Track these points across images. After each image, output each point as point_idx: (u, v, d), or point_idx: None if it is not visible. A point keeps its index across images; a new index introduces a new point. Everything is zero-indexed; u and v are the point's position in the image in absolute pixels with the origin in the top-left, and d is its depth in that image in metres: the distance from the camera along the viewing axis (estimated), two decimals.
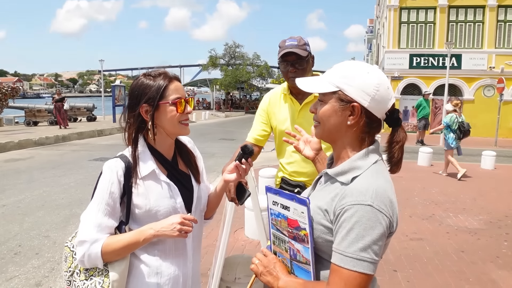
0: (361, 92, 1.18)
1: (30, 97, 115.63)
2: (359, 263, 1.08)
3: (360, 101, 1.19)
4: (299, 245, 1.21)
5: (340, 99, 1.21)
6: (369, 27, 50.14)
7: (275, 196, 1.27)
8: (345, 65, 1.24)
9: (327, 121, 1.24)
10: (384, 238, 1.12)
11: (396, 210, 1.17)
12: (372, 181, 1.15)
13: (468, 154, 13.34)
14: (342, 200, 1.14)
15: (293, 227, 1.21)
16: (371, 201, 1.10)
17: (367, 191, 1.12)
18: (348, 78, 1.20)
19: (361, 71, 1.20)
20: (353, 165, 1.20)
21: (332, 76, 1.23)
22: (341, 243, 1.11)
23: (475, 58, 19.87)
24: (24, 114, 21.39)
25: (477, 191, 7.77)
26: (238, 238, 4.94)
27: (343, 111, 1.21)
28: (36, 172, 9.06)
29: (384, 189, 1.15)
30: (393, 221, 1.15)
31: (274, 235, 1.31)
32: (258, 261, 1.29)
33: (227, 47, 43.39)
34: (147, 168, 1.49)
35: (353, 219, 1.09)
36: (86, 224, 1.42)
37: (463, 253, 4.57)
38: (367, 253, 1.08)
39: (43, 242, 4.82)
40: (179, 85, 1.53)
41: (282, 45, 2.35)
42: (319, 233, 1.18)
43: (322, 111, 1.24)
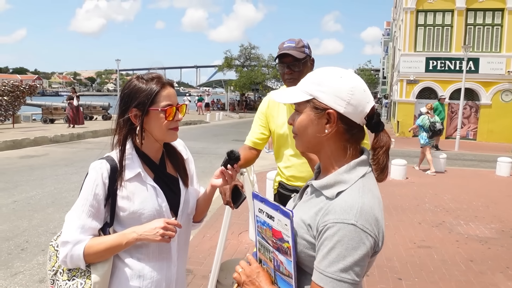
0: (335, 98, 1.13)
1: (49, 94, 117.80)
2: (338, 284, 1.05)
3: (335, 107, 1.13)
4: (282, 257, 1.17)
5: (315, 107, 1.16)
6: (386, 29, 49.75)
7: (261, 204, 1.23)
8: (318, 72, 1.19)
9: (305, 131, 1.19)
10: (367, 259, 1.08)
11: (383, 228, 1.12)
12: (357, 198, 1.10)
13: (483, 160, 13.13)
14: (325, 216, 1.10)
15: (277, 238, 1.18)
16: (355, 220, 1.05)
17: (351, 209, 1.07)
18: (320, 84, 1.15)
19: (334, 76, 1.15)
20: (339, 178, 1.15)
21: (305, 84, 1.19)
22: (321, 262, 1.07)
23: (493, 62, 19.50)
24: (41, 112, 21.79)
25: (490, 198, 7.60)
26: (242, 241, 4.92)
27: (319, 120, 1.15)
28: (49, 169, 9.18)
29: (370, 206, 1.10)
30: (379, 240, 1.10)
31: (260, 243, 1.28)
32: (242, 269, 1.26)
33: (242, 48, 43.49)
34: (133, 171, 1.48)
35: (335, 238, 1.05)
36: (69, 225, 1.42)
37: (472, 262, 4.47)
38: (348, 274, 1.04)
39: (50, 239, 4.81)
40: (171, 91, 1.51)
41: (280, 47, 2.33)
42: (302, 247, 1.15)
43: (298, 122, 1.19)
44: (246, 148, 2.49)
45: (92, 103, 25.25)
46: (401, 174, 9.13)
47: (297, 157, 2.39)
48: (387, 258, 4.46)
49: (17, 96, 17.79)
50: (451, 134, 19.59)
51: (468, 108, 20.19)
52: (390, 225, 5.66)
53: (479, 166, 12.08)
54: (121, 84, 42.47)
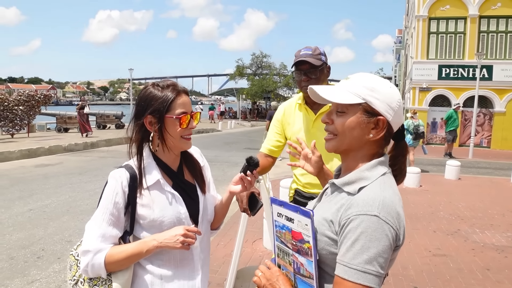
0: (387, 106, 1.18)
1: (63, 104, 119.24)
2: (363, 275, 1.06)
3: (386, 115, 1.18)
4: (302, 258, 1.18)
5: (365, 111, 1.19)
6: (397, 37, 49.57)
7: (280, 208, 1.25)
8: (367, 77, 1.22)
9: (350, 133, 1.20)
10: (390, 251, 1.09)
11: (403, 223, 1.15)
12: (379, 192, 1.13)
13: (498, 168, 12.97)
14: (348, 210, 1.12)
15: (297, 240, 1.19)
16: (378, 212, 1.08)
17: (374, 201, 1.10)
18: (374, 91, 1.18)
19: (385, 85, 1.20)
20: (361, 175, 1.18)
21: (355, 87, 1.20)
22: (345, 255, 1.08)
23: (507, 69, 19.30)
24: (55, 121, 22.07)
25: (506, 206, 7.49)
26: (256, 248, 4.91)
27: (367, 124, 1.19)
28: (64, 178, 9.29)
29: (391, 200, 1.12)
30: (400, 234, 1.12)
31: (279, 248, 1.29)
32: (261, 273, 1.27)
33: (254, 57, 43.63)
34: (152, 179, 1.50)
35: (358, 229, 1.07)
36: (90, 234, 1.43)
37: (489, 271, 4.40)
38: (372, 266, 1.06)
39: (65, 247, 4.92)
40: (186, 99, 1.52)
41: (297, 54, 2.35)
42: (323, 244, 1.16)
43: (346, 123, 1.20)
44: (262, 156, 2.51)
45: (105, 112, 25.49)
46: (414, 182, 9.05)
47: None
48: (402, 267, 4.42)
49: (32, 106, 18.11)
50: (465, 142, 19.39)
51: (482, 115, 19.98)
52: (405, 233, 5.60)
53: (493, 174, 11.92)
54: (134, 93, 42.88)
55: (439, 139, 20.43)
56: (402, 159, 1.27)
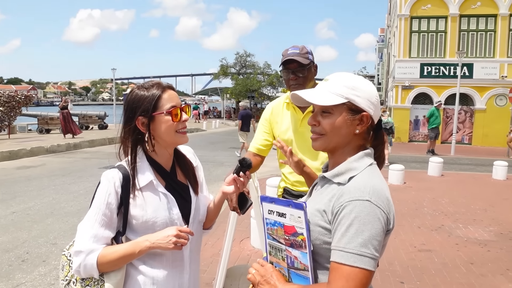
0: (368, 102, 1.26)
1: (44, 105, 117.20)
2: (359, 258, 1.09)
3: (368, 110, 1.26)
4: (296, 251, 1.21)
5: (350, 109, 1.25)
6: (380, 36, 50.11)
7: (270, 205, 1.27)
8: (347, 77, 1.28)
9: (338, 132, 1.26)
10: (382, 234, 1.14)
11: (393, 208, 1.21)
12: (369, 180, 1.19)
13: (479, 164, 13.21)
14: (340, 198, 1.17)
15: (290, 234, 1.21)
16: (369, 197, 1.14)
17: (365, 187, 1.16)
18: (355, 89, 1.25)
19: (364, 83, 1.28)
20: (350, 166, 1.24)
21: (337, 87, 1.26)
22: (340, 240, 1.12)
23: (487, 67, 19.70)
24: (37, 122, 21.72)
25: (488, 201, 7.65)
26: (244, 247, 4.92)
27: (352, 121, 1.26)
28: (47, 180, 9.15)
29: (381, 187, 1.19)
30: (390, 218, 1.18)
31: (270, 245, 1.31)
32: (255, 270, 1.29)
33: (238, 56, 43.62)
34: (145, 179, 1.49)
35: (352, 214, 1.12)
36: (82, 234, 1.43)
37: (472, 265, 4.49)
38: (367, 249, 1.10)
39: (50, 250, 4.85)
40: (173, 93, 1.53)
41: (284, 54, 2.37)
42: (316, 234, 1.20)
43: (334, 123, 1.26)
44: (250, 155, 2.52)
45: (88, 113, 25.18)
46: (399, 179, 9.17)
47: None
48: (388, 263, 4.48)
49: (13, 107, 17.79)
50: (447, 139, 19.73)
51: (463, 113, 20.35)
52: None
53: (475, 170, 12.15)
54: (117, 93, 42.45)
55: (422, 136, 20.74)
56: (381, 147, 1.36)
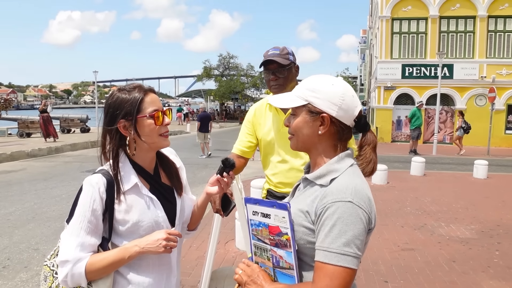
0: (328, 103, 1.27)
1: (24, 108, 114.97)
2: (343, 257, 1.13)
3: (328, 111, 1.27)
4: (281, 251, 1.23)
5: (310, 111, 1.29)
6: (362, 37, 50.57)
7: (254, 206, 1.29)
8: (311, 79, 1.33)
9: (300, 132, 1.32)
10: (364, 233, 1.17)
11: (374, 207, 1.24)
12: (350, 181, 1.22)
13: (460, 164, 13.43)
14: (323, 199, 1.19)
15: (274, 234, 1.23)
16: (351, 198, 1.17)
17: (347, 189, 1.19)
18: (314, 91, 1.28)
19: (326, 83, 1.29)
20: (331, 168, 1.27)
21: (300, 90, 1.32)
22: (324, 240, 1.15)
23: (466, 68, 20.06)
24: (17, 126, 21.30)
25: (469, 200, 7.78)
26: (228, 249, 4.91)
27: (314, 122, 1.29)
28: (28, 184, 8.99)
29: (362, 187, 1.22)
30: (372, 217, 1.21)
31: (256, 246, 1.32)
32: (242, 271, 1.30)
33: (221, 58, 43.51)
34: (130, 183, 1.47)
35: (335, 215, 1.15)
36: (68, 243, 1.39)
37: (455, 263, 4.56)
38: (350, 248, 1.13)
39: (32, 255, 4.77)
40: (154, 97, 1.52)
41: (265, 54, 2.38)
42: (300, 234, 1.22)
43: (295, 124, 1.32)
44: (234, 157, 2.51)
45: (69, 116, 24.81)
46: (382, 179, 9.27)
47: (284, 163, 2.43)
48: (372, 262, 4.52)
49: None
50: (429, 139, 20.01)
51: (444, 113, 20.67)
52: (374, 229, 5.72)
53: (456, 169, 12.35)
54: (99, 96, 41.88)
55: (404, 136, 20.99)
56: (368, 149, 1.33)
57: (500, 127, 19.83)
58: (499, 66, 19.91)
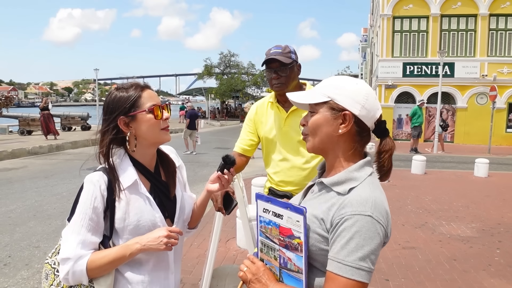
0: (352, 101, 1.22)
1: (25, 106, 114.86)
2: (357, 272, 1.10)
3: (351, 109, 1.22)
4: (291, 253, 1.20)
5: (331, 108, 1.24)
6: (363, 36, 50.47)
7: (266, 204, 1.26)
8: (335, 78, 1.29)
9: (319, 130, 1.26)
10: (380, 248, 1.15)
11: (390, 221, 1.21)
12: (370, 193, 1.18)
13: (461, 162, 13.42)
14: (341, 210, 1.16)
15: (285, 235, 1.21)
16: (371, 212, 1.13)
17: (367, 202, 1.15)
18: (338, 88, 1.24)
19: (351, 82, 1.26)
20: (350, 176, 1.22)
21: (323, 87, 1.27)
22: (340, 252, 1.12)
23: (467, 66, 20.03)
24: (18, 123, 21.31)
25: (470, 198, 7.78)
26: (229, 248, 4.91)
27: (335, 120, 1.23)
28: (29, 182, 9.00)
29: (381, 200, 1.18)
30: (388, 231, 1.18)
31: (262, 243, 1.30)
32: (246, 268, 1.28)
33: (222, 56, 43.48)
34: (129, 180, 1.47)
35: (353, 228, 1.12)
36: (69, 241, 1.39)
37: (456, 261, 4.56)
38: (366, 263, 1.11)
39: (33, 253, 4.77)
40: (152, 92, 1.53)
41: (267, 53, 2.37)
42: (313, 241, 1.20)
43: (313, 120, 1.26)
44: (235, 155, 2.51)
45: (70, 114, 24.81)
46: None
47: (285, 161, 2.43)
48: None
49: None
50: (429, 137, 19.99)
51: (445, 111, 20.63)
52: None
53: (457, 167, 12.34)
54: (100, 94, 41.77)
55: (405, 135, 20.97)
56: (386, 156, 1.29)
57: (501, 126, 19.80)
58: (500, 64, 19.88)
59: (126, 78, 27.18)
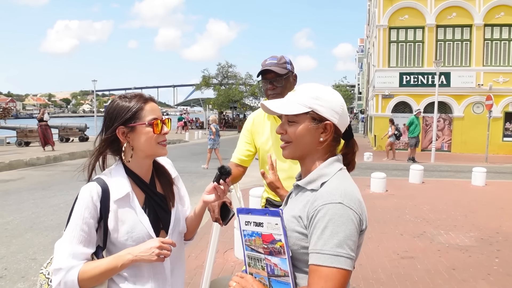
0: (331, 111, 1.29)
1: (23, 117, 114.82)
2: (336, 259, 1.13)
3: (331, 119, 1.29)
4: (276, 258, 1.23)
5: (313, 119, 1.29)
6: (360, 46, 50.81)
7: (247, 216, 1.28)
8: (312, 87, 1.33)
9: (301, 139, 1.31)
10: (356, 234, 1.18)
11: (365, 209, 1.25)
12: (339, 183, 1.25)
13: (458, 171, 13.43)
14: (314, 203, 1.21)
15: (268, 242, 1.23)
16: (341, 199, 1.18)
17: (337, 191, 1.21)
18: (318, 99, 1.29)
19: (328, 92, 1.32)
20: (321, 172, 1.28)
21: (302, 97, 1.31)
22: (317, 243, 1.16)
23: (463, 76, 20.13)
24: (15, 135, 21.27)
25: (468, 207, 7.77)
26: (227, 259, 4.88)
27: (316, 130, 1.30)
28: (26, 193, 8.96)
29: (351, 190, 1.24)
30: (363, 219, 1.22)
31: (249, 256, 1.32)
32: (236, 283, 1.29)
33: (219, 67, 43.67)
34: (122, 191, 1.48)
35: (326, 217, 1.16)
36: (61, 251, 1.40)
37: (454, 270, 4.55)
38: (343, 249, 1.14)
39: (29, 265, 4.74)
40: (155, 105, 1.54)
41: (263, 64, 2.38)
42: (294, 240, 1.23)
43: (296, 131, 1.31)
44: (232, 165, 2.51)
45: (68, 125, 24.78)
46: (381, 187, 9.26)
47: (282, 172, 2.42)
48: (372, 270, 4.50)
49: None
50: (427, 147, 20.03)
51: (442, 120, 20.70)
52: (373, 237, 5.72)
53: (455, 176, 12.35)
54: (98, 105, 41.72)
55: (402, 144, 20.98)
56: (353, 156, 1.39)
57: (497, 135, 19.85)
58: (496, 74, 19.99)
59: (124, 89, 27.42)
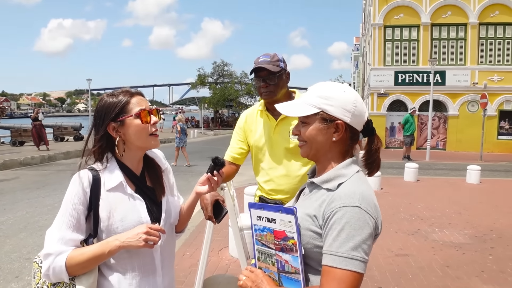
0: (342, 110, 1.28)
1: (17, 116, 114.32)
2: (351, 262, 1.13)
3: (343, 118, 1.28)
4: (287, 255, 1.23)
5: (323, 119, 1.29)
6: (355, 45, 50.91)
7: (259, 211, 1.29)
8: (322, 86, 1.32)
9: (314, 140, 1.31)
10: (371, 239, 1.19)
11: (380, 214, 1.25)
12: (357, 186, 1.24)
13: (453, 169, 13.49)
14: (330, 204, 1.20)
15: (280, 238, 1.23)
16: (359, 203, 1.18)
17: (355, 194, 1.20)
18: (328, 99, 1.28)
19: (338, 91, 1.30)
20: (338, 173, 1.28)
21: (311, 98, 1.31)
22: (332, 244, 1.16)
23: (458, 74, 20.22)
24: (10, 134, 21.15)
25: (462, 205, 7.81)
26: (222, 257, 4.88)
27: (328, 129, 1.29)
28: (20, 193, 8.92)
29: (369, 193, 1.23)
30: (378, 223, 1.22)
31: (259, 251, 1.32)
32: (246, 277, 1.30)
33: (215, 65, 43.61)
34: (115, 181, 1.49)
35: (343, 220, 1.16)
36: (50, 237, 1.41)
37: (448, 268, 4.57)
38: (358, 252, 1.14)
39: (23, 265, 4.72)
40: (141, 98, 1.56)
41: (255, 61, 2.37)
42: (308, 239, 1.23)
43: (308, 132, 1.31)
44: (226, 163, 2.51)
45: (63, 124, 24.67)
46: (376, 185, 9.28)
47: (275, 170, 2.42)
48: (367, 268, 4.51)
49: None
50: (422, 145, 20.10)
51: (437, 119, 20.79)
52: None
53: (449, 174, 12.40)
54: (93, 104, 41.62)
55: (398, 142, 21.07)
56: (376, 153, 1.37)
57: (492, 133, 19.96)
58: (490, 72, 20.08)
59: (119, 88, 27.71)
